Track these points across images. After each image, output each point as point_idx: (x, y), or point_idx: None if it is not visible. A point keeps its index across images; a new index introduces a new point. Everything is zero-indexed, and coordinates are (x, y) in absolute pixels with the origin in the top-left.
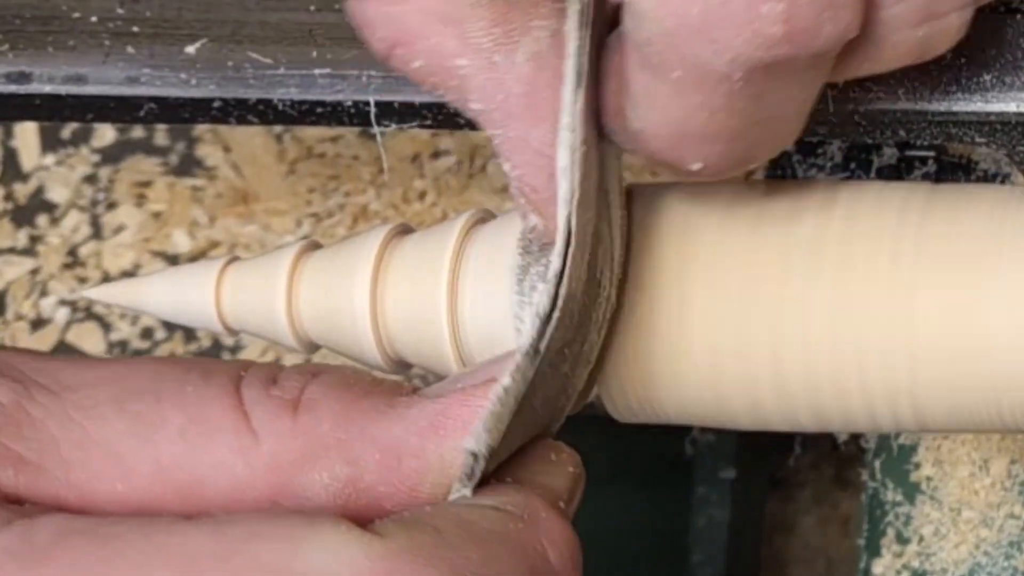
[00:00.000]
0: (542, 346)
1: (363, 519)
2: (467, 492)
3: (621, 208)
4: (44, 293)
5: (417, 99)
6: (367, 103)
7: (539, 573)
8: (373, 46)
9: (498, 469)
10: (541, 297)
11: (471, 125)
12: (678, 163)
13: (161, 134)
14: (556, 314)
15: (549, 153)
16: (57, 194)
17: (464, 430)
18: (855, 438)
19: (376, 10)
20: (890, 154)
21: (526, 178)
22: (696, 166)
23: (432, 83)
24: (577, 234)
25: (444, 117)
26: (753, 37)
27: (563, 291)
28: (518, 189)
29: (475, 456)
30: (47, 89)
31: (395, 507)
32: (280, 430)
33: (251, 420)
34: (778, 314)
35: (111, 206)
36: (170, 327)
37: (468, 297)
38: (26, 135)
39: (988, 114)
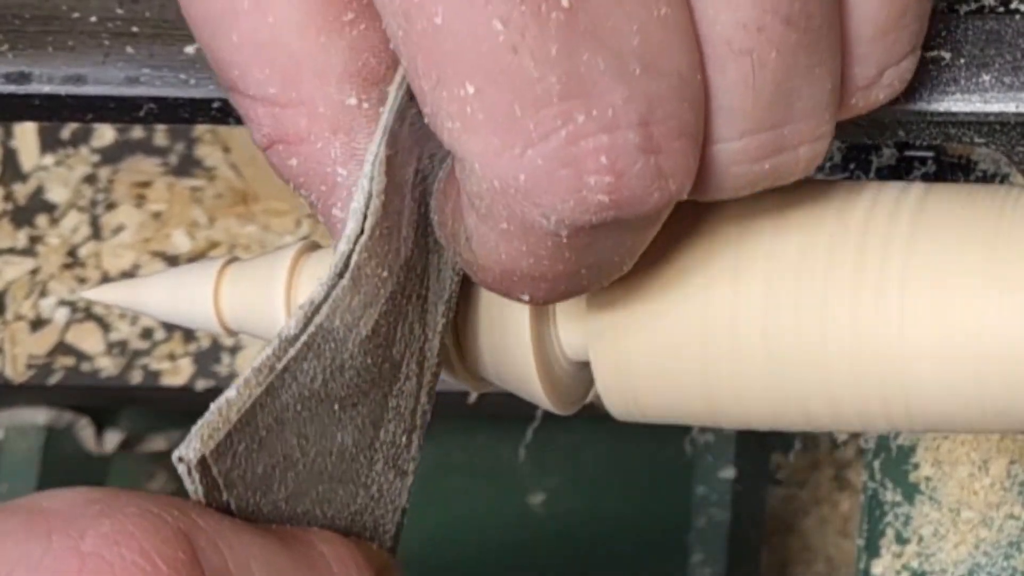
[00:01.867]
0: (278, 366)
1: None
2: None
3: (444, 316)
4: (44, 293)
5: None
6: None
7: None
8: (252, 136)
9: None
10: (289, 319)
11: None
12: (504, 294)
13: (161, 134)
14: (304, 338)
15: None
16: (57, 194)
17: None
18: (855, 438)
19: (264, 110)
20: (889, 154)
21: None
22: (523, 297)
23: (300, 183)
24: (355, 275)
25: None
26: (578, 204)
27: (318, 319)
28: None
29: (181, 460)
30: (46, 89)
31: None
32: None
33: None
34: (771, 315)
35: (111, 206)
36: (169, 327)
37: (467, 300)
38: (26, 135)
39: (987, 114)
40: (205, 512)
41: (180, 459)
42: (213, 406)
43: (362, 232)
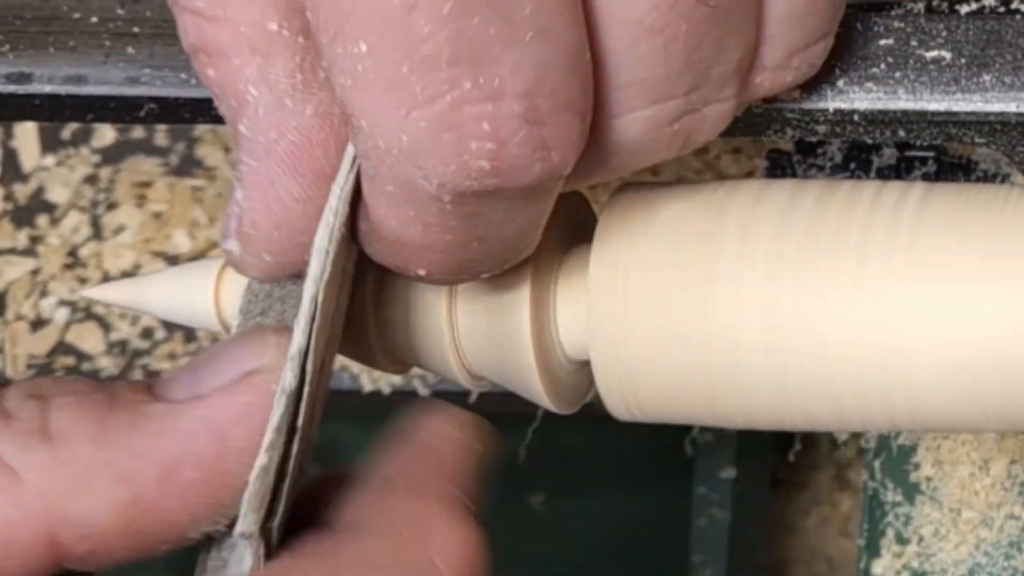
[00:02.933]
0: (297, 423)
1: (152, 537)
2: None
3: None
4: (44, 293)
5: None
6: None
7: None
8: (182, 40)
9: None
10: (286, 373)
11: None
12: (401, 269)
13: (161, 134)
14: (307, 388)
15: (288, 203)
16: (57, 195)
17: (236, 427)
18: (855, 438)
19: (191, 20)
20: (890, 154)
21: (252, 214)
22: (420, 272)
23: (215, 92)
24: (323, 311)
25: None
26: (460, 169)
27: (310, 367)
28: (237, 217)
29: (244, 536)
30: (47, 89)
31: (187, 519)
32: (39, 463)
33: (3, 458)
34: (771, 314)
35: (111, 207)
36: (170, 327)
37: (467, 298)
38: (26, 136)
39: (988, 114)
40: None
41: (244, 535)
42: (252, 477)
43: (324, 271)
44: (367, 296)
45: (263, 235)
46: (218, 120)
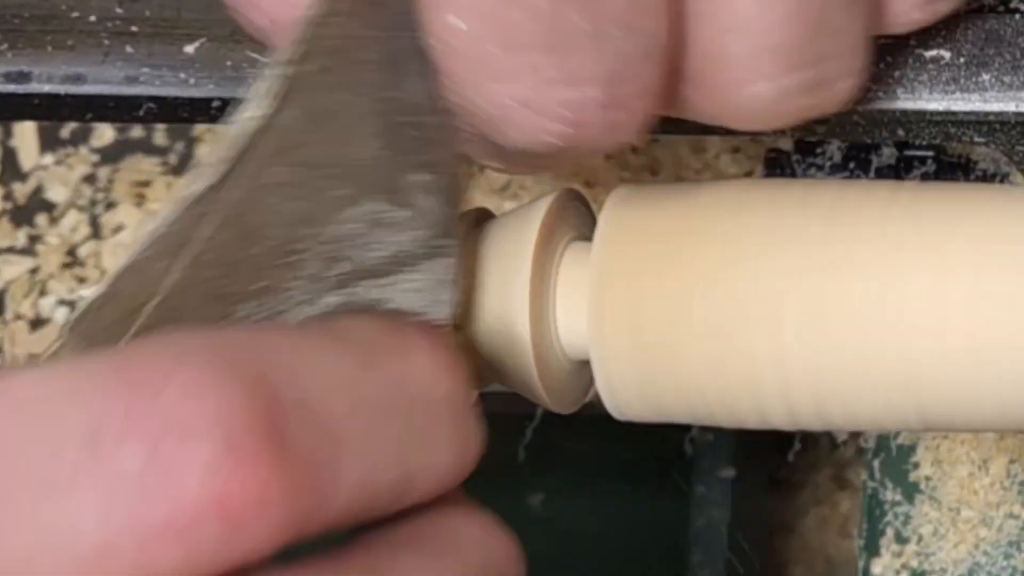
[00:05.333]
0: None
1: None
2: None
3: None
4: (43, 293)
5: None
6: None
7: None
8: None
9: None
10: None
11: None
12: None
13: (160, 134)
14: None
15: None
16: (56, 194)
17: None
18: (854, 438)
19: None
20: (889, 154)
21: None
22: None
23: None
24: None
25: None
26: (531, 141)
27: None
28: None
29: None
30: (46, 88)
31: None
32: None
33: None
34: (772, 314)
35: (110, 206)
36: None
37: (467, 297)
38: (25, 135)
39: (987, 114)
40: (280, 336)
41: None
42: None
43: None
44: None
45: None
46: (217, 120)
